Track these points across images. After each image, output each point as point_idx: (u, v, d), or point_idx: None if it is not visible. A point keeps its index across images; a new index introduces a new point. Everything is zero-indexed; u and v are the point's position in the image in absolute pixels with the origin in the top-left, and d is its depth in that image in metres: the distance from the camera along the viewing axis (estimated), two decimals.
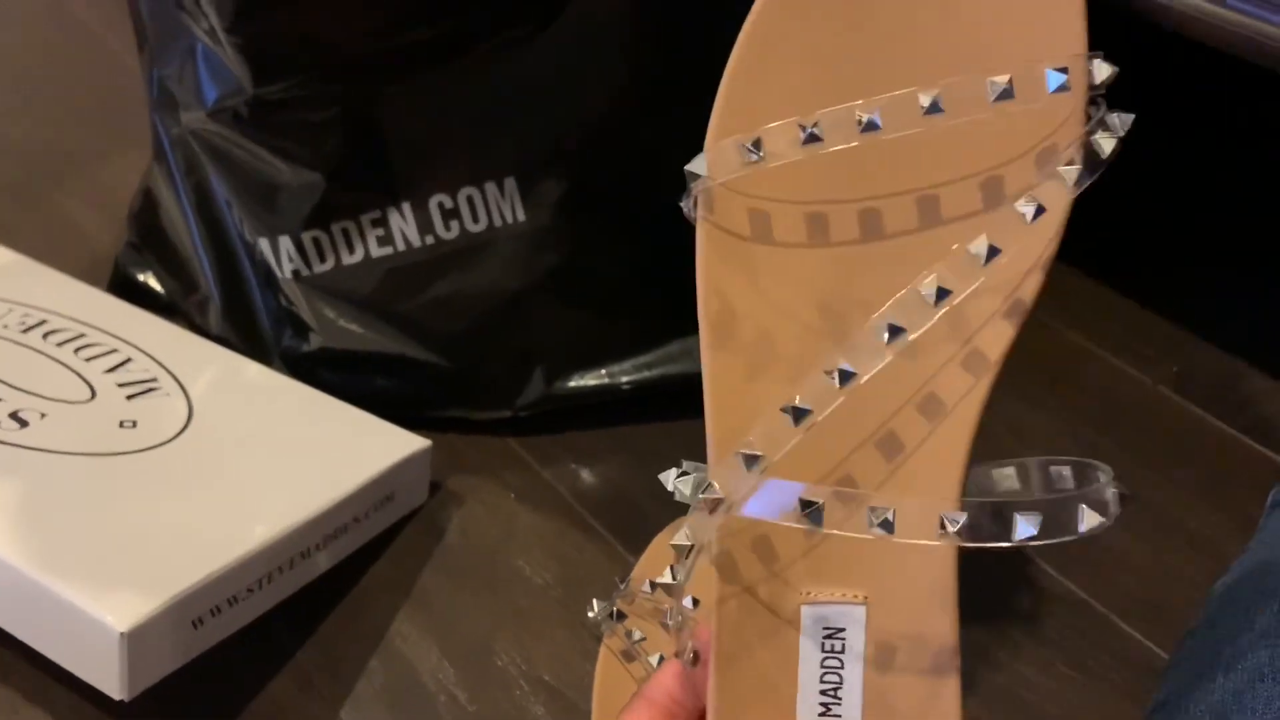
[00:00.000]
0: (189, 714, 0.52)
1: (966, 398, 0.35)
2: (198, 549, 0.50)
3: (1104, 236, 0.51)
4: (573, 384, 0.64)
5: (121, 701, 0.47)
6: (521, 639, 0.55)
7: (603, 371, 0.64)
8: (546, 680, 0.53)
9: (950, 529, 0.32)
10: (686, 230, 0.67)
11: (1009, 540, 0.32)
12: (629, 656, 0.50)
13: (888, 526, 0.32)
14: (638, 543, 0.56)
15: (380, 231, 0.61)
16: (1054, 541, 0.32)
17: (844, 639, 0.35)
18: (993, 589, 0.56)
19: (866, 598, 0.35)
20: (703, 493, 0.33)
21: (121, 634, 0.46)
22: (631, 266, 0.63)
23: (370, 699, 0.52)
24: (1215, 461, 0.63)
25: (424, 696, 0.52)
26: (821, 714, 0.34)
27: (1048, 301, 0.48)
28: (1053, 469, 0.37)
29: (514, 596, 0.56)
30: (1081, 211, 0.35)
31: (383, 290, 0.61)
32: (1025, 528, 0.32)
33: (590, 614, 0.54)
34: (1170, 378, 0.67)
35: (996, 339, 0.34)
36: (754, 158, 0.34)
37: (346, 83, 0.57)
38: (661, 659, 0.45)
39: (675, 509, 0.59)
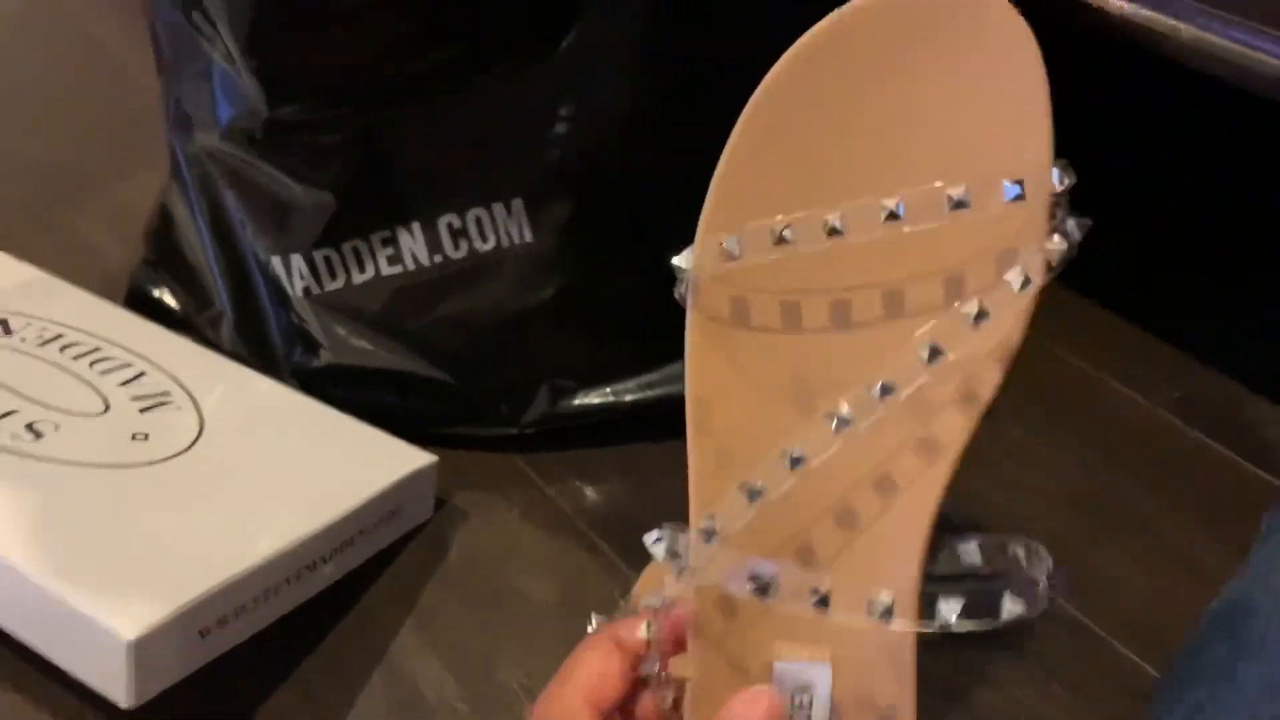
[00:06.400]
0: None
1: (923, 480, 0.36)
2: (206, 560, 0.51)
3: (1107, 263, 0.52)
4: (578, 402, 0.64)
5: (127, 710, 0.48)
6: (523, 654, 0.55)
7: (607, 390, 0.64)
8: None
9: (878, 610, 0.35)
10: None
11: (933, 626, 0.35)
12: None
13: (824, 604, 0.35)
14: (640, 560, 0.56)
15: (390, 251, 0.62)
16: (981, 629, 0.34)
17: (812, 695, 0.36)
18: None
19: (831, 657, 0.37)
20: (671, 560, 0.36)
21: (129, 642, 0.47)
22: (637, 287, 0.63)
23: (373, 712, 0.53)
24: (1216, 487, 0.63)
25: (426, 710, 0.53)
26: None
27: (1050, 327, 0.49)
28: (1011, 548, 0.39)
29: (516, 612, 0.57)
30: (1084, 238, 0.36)
31: (392, 308, 0.62)
32: (948, 613, 0.35)
33: (590, 629, 0.55)
34: (1172, 403, 0.68)
35: (951, 429, 0.36)
36: (735, 255, 0.36)
37: (359, 106, 0.58)
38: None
39: None
